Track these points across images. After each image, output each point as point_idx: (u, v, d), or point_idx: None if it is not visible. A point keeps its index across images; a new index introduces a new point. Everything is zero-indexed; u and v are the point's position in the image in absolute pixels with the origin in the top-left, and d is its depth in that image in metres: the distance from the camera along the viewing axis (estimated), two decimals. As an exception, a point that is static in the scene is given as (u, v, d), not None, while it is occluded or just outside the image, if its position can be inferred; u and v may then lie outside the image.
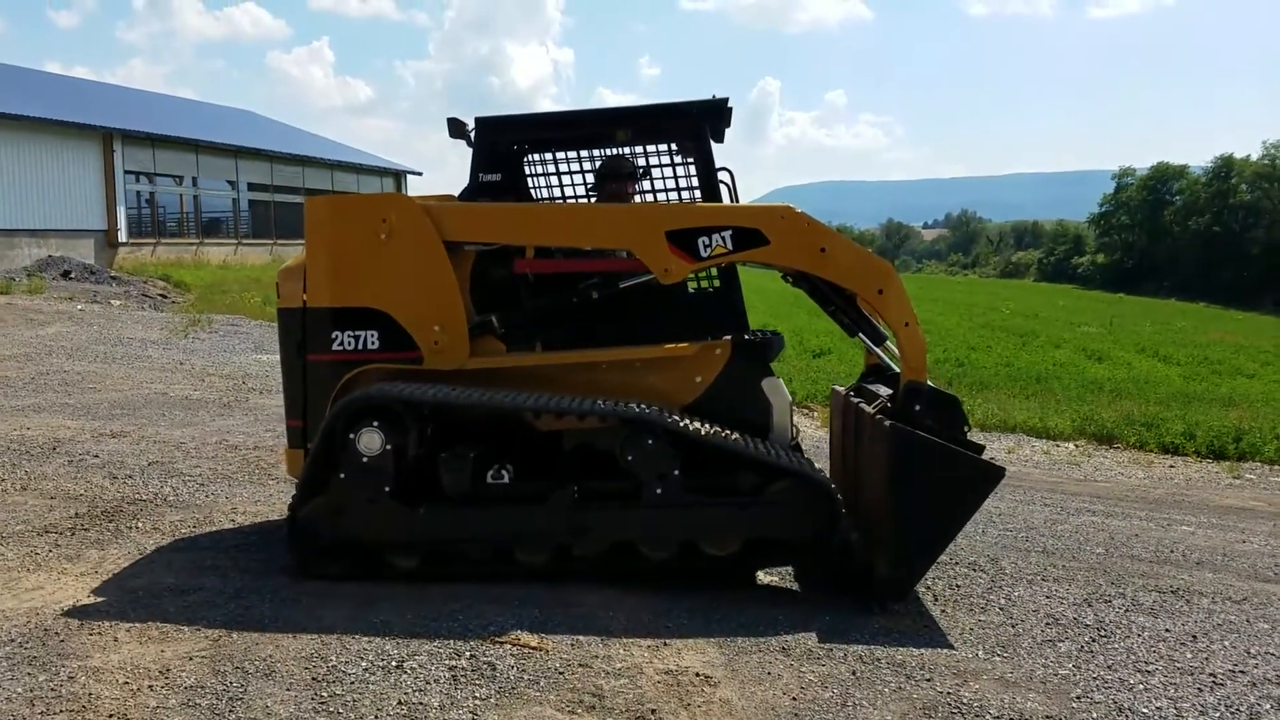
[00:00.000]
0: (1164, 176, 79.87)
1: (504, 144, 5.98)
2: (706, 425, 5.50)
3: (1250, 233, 68.56)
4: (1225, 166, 73.26)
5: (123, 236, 29.23)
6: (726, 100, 5.84)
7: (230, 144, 35.09)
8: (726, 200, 5.92)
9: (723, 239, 5.56)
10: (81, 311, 18.20)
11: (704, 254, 5.58)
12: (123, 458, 7.88)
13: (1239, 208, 70.89)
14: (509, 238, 5.76)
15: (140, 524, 6.30)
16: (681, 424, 5.37)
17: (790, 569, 5.88)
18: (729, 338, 5.85)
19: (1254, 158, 72.18)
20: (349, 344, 5.69)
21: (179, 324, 17.15)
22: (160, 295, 23.32)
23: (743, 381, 5.81)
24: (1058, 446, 11.47)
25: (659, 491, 5.37)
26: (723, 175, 5.92)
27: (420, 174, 46.79)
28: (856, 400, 6.06)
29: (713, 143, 5.94)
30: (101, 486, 7.06)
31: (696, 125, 5.88)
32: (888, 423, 5.31)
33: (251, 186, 36.47)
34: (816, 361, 17.07)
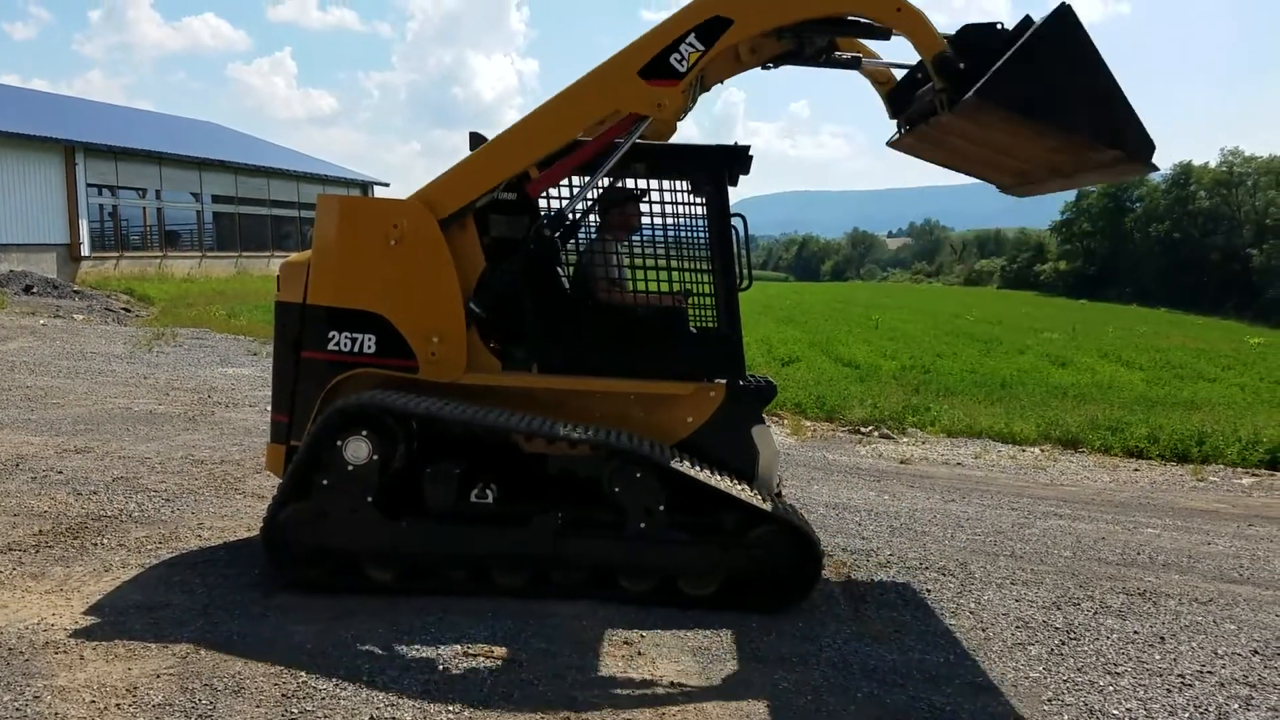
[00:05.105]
0: (1124, 184, 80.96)
1: None
2: (696, 465, 5.51)
3: (1209, 239, 69.66)
4: (1184, 174, 74.44)
5: (85, 250, 28.89)
6: (748, 148, 5.86)
7: (194, 156, 34.79)
8: (736, 249, 5.85)
9: (691, 45, 5.45)
10: (44, 326, 17.95)
11: (684, 69, 5.46)
12: (87, 474, 7.77)
13: (1198, 214, 72.02)
14: (505, 170, 5.64)
15: (105, 540, 6.21)
16: (672, 461, 5.37)
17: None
18: (724, 381, 5.82)
19: (1212, 165, 73.41)
20: (345, 345, 5.65)
21: (143, 338, 16.95)
22: (124, 309, 23.06)
23: (733, 426, 5.79)
24: (1023, 451, 11.58)
25: (643, 525, 5.37)
26: (735, 221, 5.86)
27: (387, 185, 46.61)
28: (906, 123, 5.96)
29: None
30: (66, 503, 6.96)
31: (716, 168, 5.86)
32: (971, 95, 4.94)
33: (216, 199, 36.16)
34: (785, 369, 17.11)
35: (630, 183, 6.08)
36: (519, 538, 5.38)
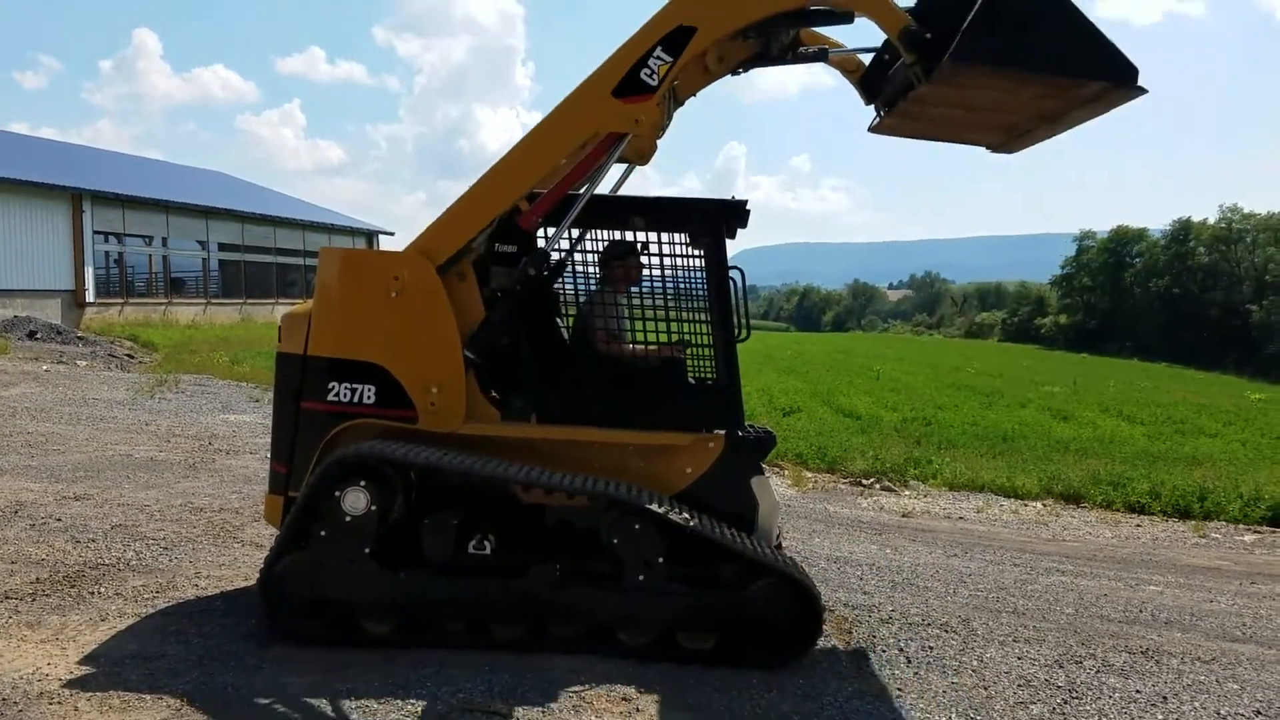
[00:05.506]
0: (1124, 239, 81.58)
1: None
2: (696, 517, 5.48)
3: (1209, 294, 69.99)
4: (1184, 230, 74.98)
5: (90, 296, 29.04)
6: (745, 202, 5.93)
7: (200, 204, 35.09)
8: (734, 301, 5.88)
9: (660, 58, 5.47)
10: (47, 372, 17.99)
11: (655, 83, 5.48)
12: (86, 521, 7.75)
13: (1198, 270, 72.45)
14: (494, 208, 5.67)
15: (102, 589, 6.18)
16: (672, 513, 5.35)
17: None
18: (723, 432, 5.82)
19: (1211, 221, 73.95)
20: (345, 396, 5.67)
21: (145, 384, 16.97)
22: (127, 355, 23.11)
23: (731, 477, 5.79)
24: (1026, 506, 11.54)
25: (641, 577, 5.34)
26: (733, 274, 5.90)
27: (393, 234, 46.90)
28: (884, 105, 5.93)
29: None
30: (64, 551, 6.93)
31: (714, 222, 5.90)
32: (946, 60, 4.91)
33: (222, 246, 36.43)
34: (786, 420, 17.10)
35: (629, 235, 6.13)
36: (517, 589, 5.36)
